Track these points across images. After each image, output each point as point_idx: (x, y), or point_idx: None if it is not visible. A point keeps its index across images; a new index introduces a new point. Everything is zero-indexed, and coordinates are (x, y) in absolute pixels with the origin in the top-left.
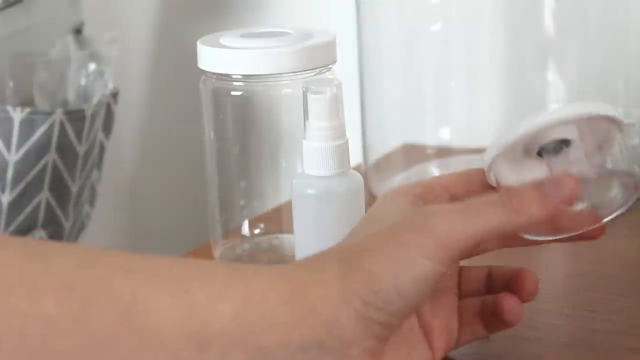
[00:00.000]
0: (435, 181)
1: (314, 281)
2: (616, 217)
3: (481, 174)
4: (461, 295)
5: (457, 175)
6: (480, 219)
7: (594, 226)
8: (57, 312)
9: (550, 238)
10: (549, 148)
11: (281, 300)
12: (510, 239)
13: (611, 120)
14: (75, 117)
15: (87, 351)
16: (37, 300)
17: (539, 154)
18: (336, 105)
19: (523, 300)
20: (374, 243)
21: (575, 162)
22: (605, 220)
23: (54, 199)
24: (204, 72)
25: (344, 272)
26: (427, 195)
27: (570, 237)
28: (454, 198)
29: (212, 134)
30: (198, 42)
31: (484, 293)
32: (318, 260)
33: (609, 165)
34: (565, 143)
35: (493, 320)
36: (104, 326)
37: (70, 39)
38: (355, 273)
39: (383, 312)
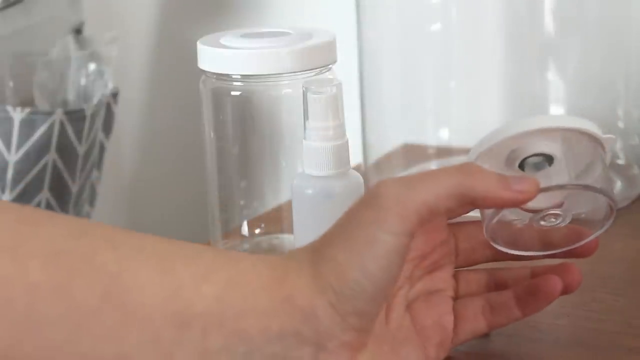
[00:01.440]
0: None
1: (292, 270)
2: (616, 217)
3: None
4: (459, 296)
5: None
6: (434, 183)
7: (581, 243)
8: (41, 279)
9: (541, 254)
10: (531, 163)
11: (262, 286)
12: (499, 252)
13: (594, 139)
14: (75, 117)
15: (70, 320)
16: (24, 265)
17: (521, 167)
18: (336, 105)
19: (564, 292)
20: (336, 229)
21: (556, 180)
22: (590, 238)
23: (54, 199)
24: (204, 72)
25: (314, 261)
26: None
27: (562, 252)
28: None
29: (212, 134)
30: (198, 42)
31: (484, 293)
32: (299, 250)
33: (590, 185)
34: (548, 160)
35: (498, 315)
36: (88, 298)
37: (70, 39)
38: (323, 262)
39: (356, 301)
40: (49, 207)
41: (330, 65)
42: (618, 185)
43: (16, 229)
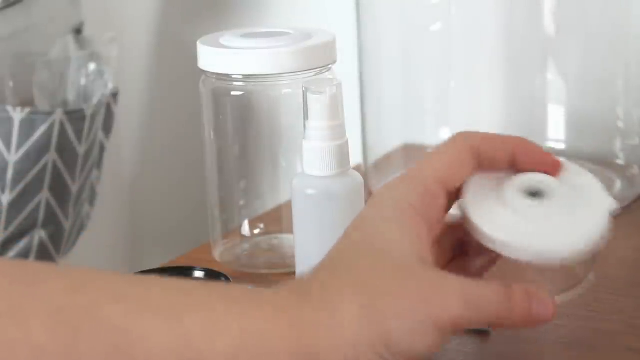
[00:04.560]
0: (430, 180)
1: (323, 325)
2: (616, 217)
3: (469, 153)
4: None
5: (448, 165)
6: (485, 309)
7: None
8: (46, 340)
9: None
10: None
11: (281, 337)
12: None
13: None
14: (75, 117)
15: None
16: (27, 327)
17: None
18: (336, 105)
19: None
20: (400, 302)
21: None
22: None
23: (54, 199)
24: (204, 72)
25: (364, 322)
26: (425, 202)
27: None
28: (451, 195)
29: (212, 134)
30: (198, 42)
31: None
32: (326, 293)
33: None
34: (538, 194)
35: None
36: (96, 355)
37: (70, 39)
38: (376, 328)
39: (393, 357)
40: (48, 207)
41: (330, 65)
42: (618, 185)
43: (12, 291)
